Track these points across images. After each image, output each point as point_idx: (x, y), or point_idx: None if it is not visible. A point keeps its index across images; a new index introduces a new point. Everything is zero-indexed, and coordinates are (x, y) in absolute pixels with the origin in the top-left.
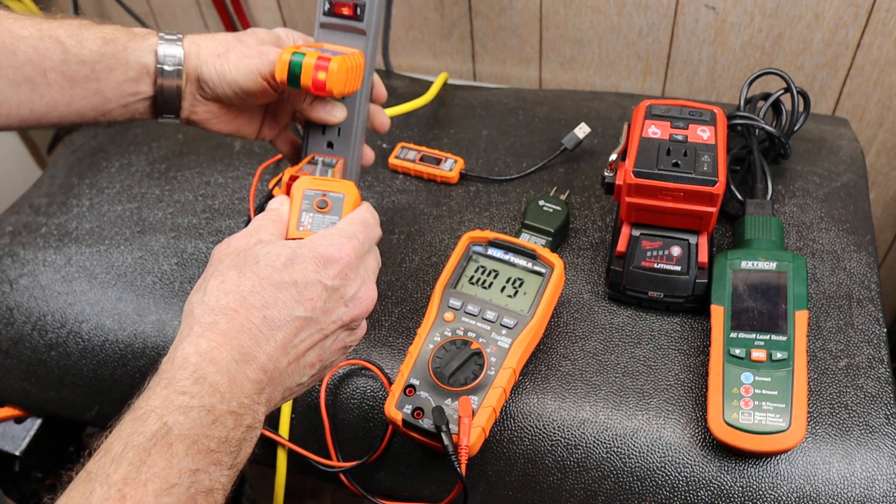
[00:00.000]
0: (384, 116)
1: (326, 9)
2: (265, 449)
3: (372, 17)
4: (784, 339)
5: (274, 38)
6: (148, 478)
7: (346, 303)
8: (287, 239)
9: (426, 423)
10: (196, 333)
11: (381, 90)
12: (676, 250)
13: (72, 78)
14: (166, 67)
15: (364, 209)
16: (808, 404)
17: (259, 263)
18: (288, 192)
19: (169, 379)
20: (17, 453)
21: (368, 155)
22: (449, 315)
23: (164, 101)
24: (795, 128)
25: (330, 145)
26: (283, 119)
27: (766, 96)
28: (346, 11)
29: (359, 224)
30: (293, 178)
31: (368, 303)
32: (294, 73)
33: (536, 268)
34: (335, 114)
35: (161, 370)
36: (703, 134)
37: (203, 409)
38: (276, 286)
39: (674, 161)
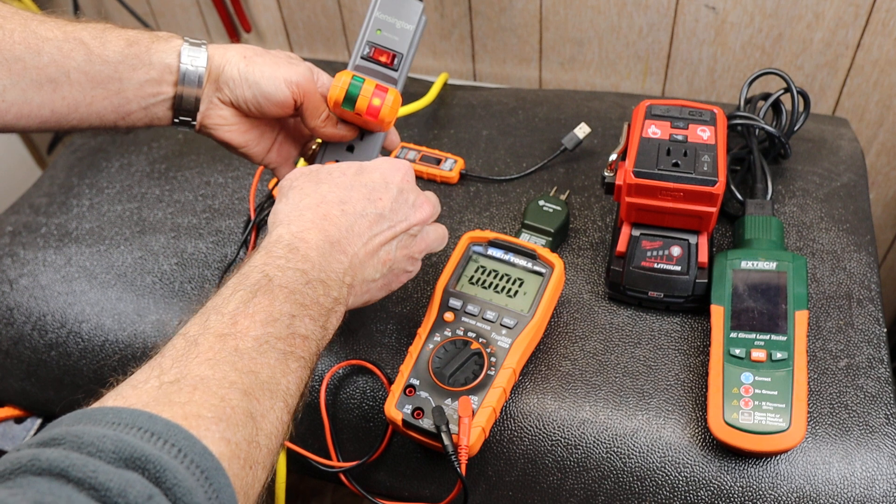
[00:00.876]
0: (394, 135)
1: (366, 53)
2: None
3: (404, 68)
4: (784, 339)
5: (299, 63)
6: (255, 311)
7: (411, 205)
8: None
9: (426, 423)
10: (286, 222)
11: (394, 137)
12: (676, 250)
13: (94, 78)
14: (189, 67)
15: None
16: (808, 404)
17: (332, 174)
18: None
19: (267, 249)
20: None
21: None
22: (449, 315)
23: (184, 101)
24: (795, 128)
25: (350, 149)
26: (293, 148)
27: (766, 96)
28: (384, 59)
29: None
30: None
31: (430, 209)
32: (352, 95)
33: (536, 268)
34: (345, 133)
35: (257, 247)
36: (703, 134)
37: (298, 271)
38: (350, 187)
39: (674, 161)
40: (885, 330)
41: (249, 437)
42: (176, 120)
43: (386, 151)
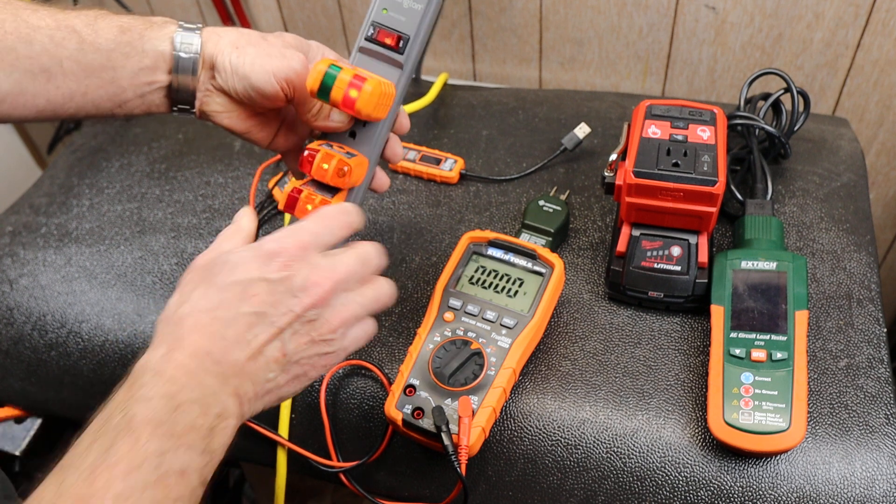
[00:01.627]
0: (399, 148)
1: (370, 34)
2: (265, 449)
3: (412, 53)
4: (784, 339)
5: (302, 45)
6: (115, 461)
7: (294, 294)
8: None
9: (426, 423)
10: (155, 345)
11: (404, 122)
12: (676, 250)
13: (87, 67)
14: (182, 55)
15: (332, 207)
16: (808, 404)
17: (212, 272)
18: (288, 204)
19: (131, 381)
20: (17, 453)
21: (383, 180)
22: (449, 315)
23: (180, 89)
24: (795, 128)
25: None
26: (301, 132)
27: (766, 96)
28: (388, 41)
29: (313, 218)
30: (297, 191)
31: (320, 292)
32: (326, 85)
33: (536, 268)
34: (338, 125)
35: (123, 379)
36: (703, 134)
37: (164, 398)
38: (222, 289)
39: (674, 161)
40: (885, 330)
41: None
42: (174, 108)
43: (381, 157)
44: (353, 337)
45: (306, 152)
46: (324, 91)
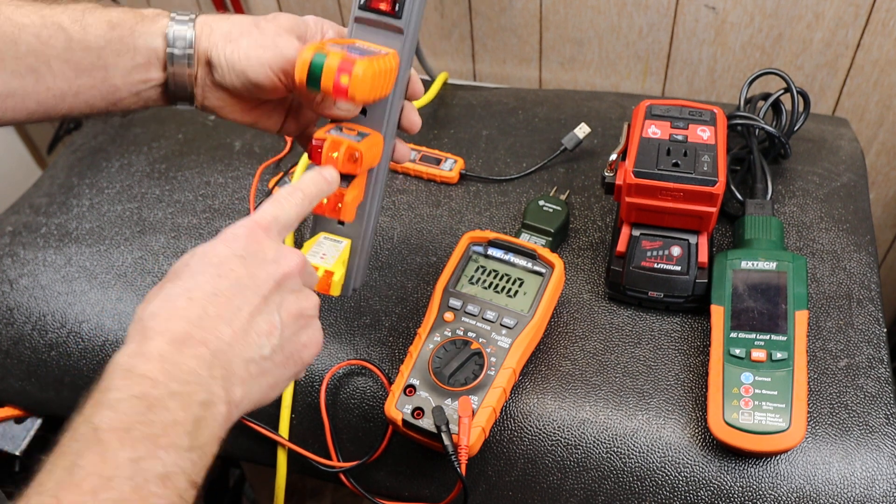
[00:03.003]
0: (415, 116)
1: (362, 2)
2: (265, 449)
3: (412, 15)
4: (784, 339)
5: (298, 27)
6: (82, 477)
7: (270, 262)
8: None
9: (426, 423)
10: (125, 343)
11: (417, 87)
12: (676, 250)
13: (77, 66)
14: (176, 52)
15: (283, 188)
16: (808, 404)
17: (177, 269)
18: (312, 154)
19: (99, 387)
20: (17, 453)
21: (403, 151)
22: (449, 315)
23: (176, 87)
24: (795, 128)
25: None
26: (309, 114)
27: (766, 96)
28: (383, 7)
29: (268, 201)
30: (320, 140)
31: (296, 258)
32: (314, 75)
33: (536, 268)
34: (347, 110)
35: (92, 388)
36: (703, 134)
37: (133, 399)
38: (194, 273)
39: (674, 161)
40: (885, 330)
41: None
42: (173, 103)
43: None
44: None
45: (314, 141)
46: (313, 81)
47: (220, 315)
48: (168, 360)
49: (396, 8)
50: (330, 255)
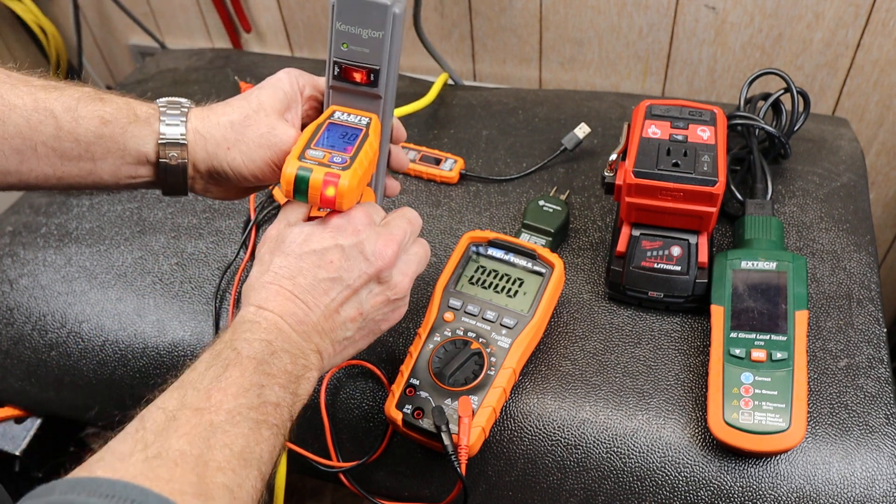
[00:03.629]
0: (402, 155)
1: (336, 73)
2: None
3: (388, 81)
4: (784, 339)
5: (281, 103)
6: (227, 384)
7: (366, 257)
8: (291, 154)
9: (426, 423)
10: (245, 305)
11: (400, 132)
12: (676, 250)
13: (64, 155)
14: (170, 163)
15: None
16: (808, 404)
17: (285, 242)
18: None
19: (234, 326)
20: (17, 453)
21: (393, 186)
22: (449, 315)
23: (168, 187)
24: (795, 128)
25: None
26: None
27: (766, 96)
28: (358, 78)
29: (358, 205)
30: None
31: (389, 254)
32: (300, 189)
33: (536, 268)
34: None
35: (227, 326)
36: (703, 134)
37: (263, 342)
38: (299, 257)
39: (674, 161)
40: (885, 330)
41: None
42: (164, 193)
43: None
44: (407, 298)
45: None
46: (299, 194)
47: (318, 305)
48: (279, 327)
49: (372, 77)
50: None
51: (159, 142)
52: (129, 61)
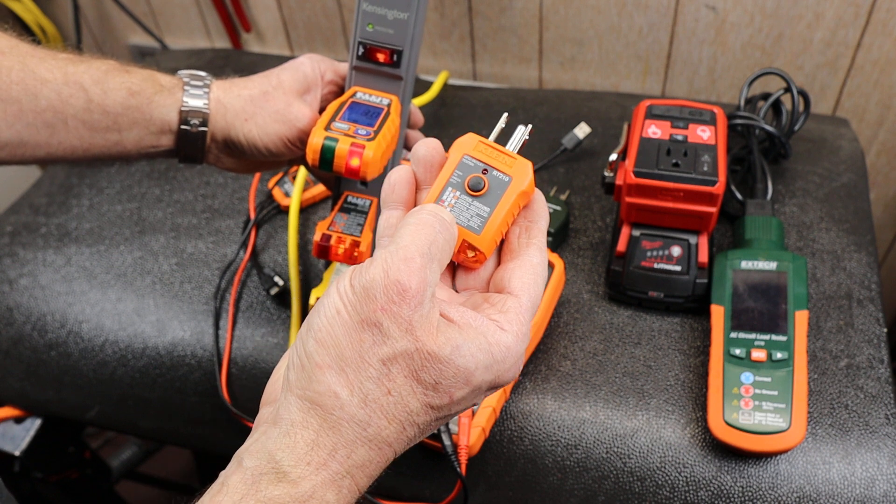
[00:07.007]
0: (420, 139)
1: (361, 53)
2: None
3: (410, 63)
4: (784, 339)
5: (301, 84)
6: (306, 451)
7: (483, 392)
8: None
9: None
10: (294, 369)
11: (417, 116)
12: (676, 250)
13: (93, 127)
14: (190, 129)
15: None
16: (808, 404)
17: (341, 337)
18: (318, 250)
19: (254, 477)
20: (17, 453)
21: (417, 116)
22: None
23: (186, 155)
24: (795, 128)
25: (364, 182)
26: None
27: (766, 96)
28: (381, 58)
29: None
30: (325, 237)
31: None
32: (326, 159)
33: None
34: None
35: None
36: (703, 134)
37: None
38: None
39: (674, 161)
40: (885, 330)
41: None
42: (180, 161)
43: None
44: None
45: (319, 235)
46: (325, 164)
47: (398, 439)
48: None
49: (395, 59)
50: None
51: (182, 109)
52: (129, 61)
